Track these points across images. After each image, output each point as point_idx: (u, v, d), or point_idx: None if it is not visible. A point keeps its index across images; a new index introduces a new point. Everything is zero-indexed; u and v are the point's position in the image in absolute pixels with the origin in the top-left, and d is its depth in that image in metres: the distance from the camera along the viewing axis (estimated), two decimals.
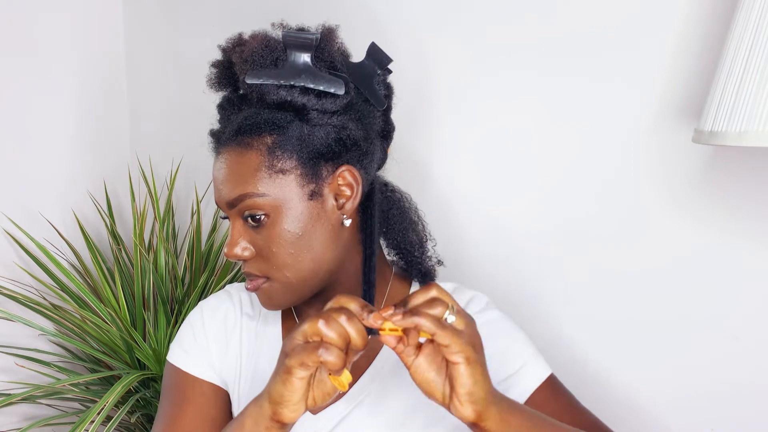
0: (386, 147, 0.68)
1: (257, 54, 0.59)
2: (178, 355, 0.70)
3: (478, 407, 0.48)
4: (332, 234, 0.61)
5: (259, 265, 0.61)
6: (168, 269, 1.24)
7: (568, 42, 0.84)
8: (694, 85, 0.76)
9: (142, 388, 1.19)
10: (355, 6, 1.03)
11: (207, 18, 1.29)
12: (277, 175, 0.58)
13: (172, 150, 1.38)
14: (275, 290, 0.62)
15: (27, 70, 1.29)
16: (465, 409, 0.48)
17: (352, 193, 0.61)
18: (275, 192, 0.58)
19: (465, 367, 0.47)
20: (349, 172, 0.61)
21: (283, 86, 0.58)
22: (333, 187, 0.61)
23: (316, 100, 0.58)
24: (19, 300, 1.19)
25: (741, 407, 0.77)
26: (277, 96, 0.59)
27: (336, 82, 0.58)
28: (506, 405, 0.51)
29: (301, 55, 0.58)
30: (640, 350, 0.84)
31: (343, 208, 0.61)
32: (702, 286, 0.78)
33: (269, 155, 0.58)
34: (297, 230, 0.59)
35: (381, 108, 0.64)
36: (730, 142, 0.60)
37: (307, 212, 0.59)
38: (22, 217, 1.29)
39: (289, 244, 0.59)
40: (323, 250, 0.61)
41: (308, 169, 0.59)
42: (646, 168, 0.81)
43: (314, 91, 0.58)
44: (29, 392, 1.07)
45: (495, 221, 0.95)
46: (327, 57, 0.60)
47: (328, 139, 0.59)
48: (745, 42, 0.59)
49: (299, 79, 0.58)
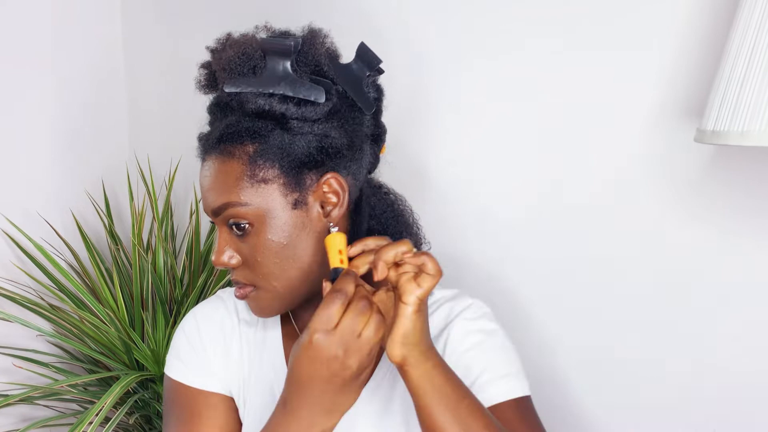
0: (377, 150, 0.67)
1: (234, 62, 0.57)
2: (177, 368, 0.67)
3: (406, 350, 0.52)
4: (319, 242, 0.60)
5: (245, 274, 0.60)
6: (167, 269, 1.23)
7: (569, 41, 0.84)
8: (696, 84, 0.75)
9: (140, 389, 1.19)
10: (348, 3, 1.02)
11: (205, 17, 1.28)
12: (260, 184, 0.57)
13: (171, 150, 1.37)
14: (263, 298, 0.61)
15: (24, 70, 1.28)
16: (394, 349, 0.52)
17: (339, 201, 0.59)
18: (258, 201, 0.57)
19: (412, 311, 0.51)
20: (335, 180, 0.59)
21: (261, 94, 0.57)
22: (318, 195, 0.59)
23: (296, 109, 0.57)
24: (17, 300, 1.18)
25: (743, 407, 0.77)
26: (256, 105, 0.57)
27: (316, 90, 0.57)
28: (436, 363, 0.53)
29: (281, 62, 0.57)
30: (642, 350, 0.84)
31: (329, 215, 0.60)
32: (703, 285, 0.78)
33: (251, 165, 0.57)
34: (281, 239, 0.58)
35: (369, 112, 0.62)
36: (732, 142, 0.60)
37: (291, 221, 0.58)
38: (19, 217, 1.28)
39: (274, 254, 0.58)
40: (310, 258, 0.59)
41: (291, 178, 0.58)
42: (648, 167, 0.81)
43: (294, 99, 0.57)
44: (27, 393, 1.07)
45: (494, 222, 0.94)
46: (311, 61, 0.58)
47: (309, 147, 0.58)
48: (747, 41, 0.59)
49: (278, 87, 0.57)
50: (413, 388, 0.53)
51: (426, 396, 0.52)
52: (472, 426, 0.52)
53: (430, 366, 0.53)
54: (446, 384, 0.53)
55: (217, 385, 0.67)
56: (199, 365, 0.67)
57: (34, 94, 1.30)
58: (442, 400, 0.52)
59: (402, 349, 0.52)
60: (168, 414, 0.67)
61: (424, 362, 0.52)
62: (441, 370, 0.53)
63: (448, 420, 0.52)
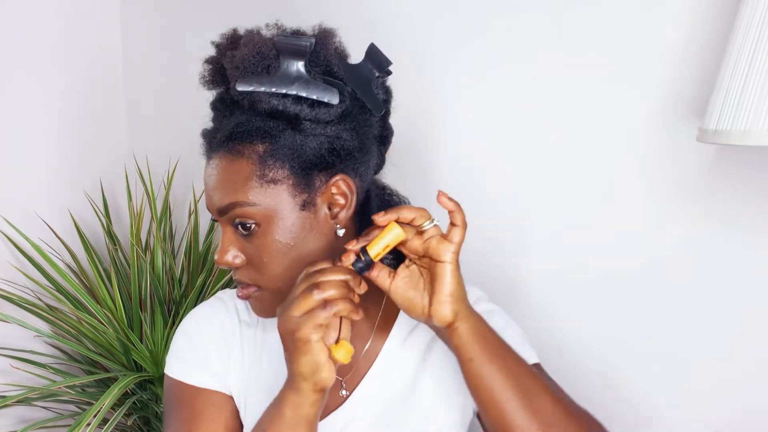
0: (383, 152, 0.66)
1: (248, 61, 0.57)
2: (178, 367, 0.67)
3: (456, 306, 0.54)
4: (326, 244, 0.59)
5: (250, 274, 0.60)
6: (165, 270, 1.23)
7: (573, 41, 0.84)
8: (698, 83, 0.75)
9: (138, 390, 1.18)
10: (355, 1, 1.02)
11: (205, 15, 1.28)
12: (269, 184, 0.57)
13: (170, 149, 1.37)
14: (267, 299, 0.61)
15: (22, 69, 1.28)
16: (444, 309, 0.54)
17: (347, 203, 0.59)
18: (266, 202, 0.57)
19: (452, 268, 0.54)
20: (343, 182, 0.59)
21: (275, 95, 0.56)
22: (326, 197, 0.59)
23: (309, 110, 0.56)
24: (14, 301, 1.18)
25: (742, 407, 0.77)
26: (269, 105, 0.57)
27: (330, 91, 0.56)
28: (479, 316, 0.56)
29: (295, 62, 0.56)
30: (644, 350, 0.84)
31: (336, 217, 0.59)
32: (705, 284, 0.78)
33: (261, 164, 0.57)
34: (288, 240, 0.58)
35: (378, 114, 0.61)
36: (734, 141, 0.60)
37: (299, 222, 0.58)
38: (17, 217, 1.28)
39: (281, 255, 0.58)
40: (316, 260, 0.59)
41: (300, 179, 0.57)
42: (650, 166, 0.80)
43: (307, 100, 0.56)
44: (24, 394, 1.06)
45: (497, 222, 0.94)
46: (323, 61, 0.58)
47: (321, 149, 0.57)
48: (750, 40, 0.59)
49: (292, 88, 0.56)
50: (462, 343, 0.55)
51: (475, 346, 0.55)
52: (518, 372, 0.55)
53: (476, 318, 0.56)
54: (491, 334, 0.56)
55: (218, 385, 0.66)
56: (200, 364, 0.66)
57: (31, 93, 1.30)
58: (491, 349, 0.55)
59: (453, 306, 0.54)
60: (168, 414, 0.66)
61: (471, 315, 0.55)
62: (484, 322, 0.57)
63: (495, 368, 0.55)
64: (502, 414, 0.54)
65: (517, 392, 0.54)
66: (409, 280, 0.57)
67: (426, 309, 0.55)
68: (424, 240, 0.55)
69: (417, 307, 0.56)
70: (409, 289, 0.56)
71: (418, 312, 0.56)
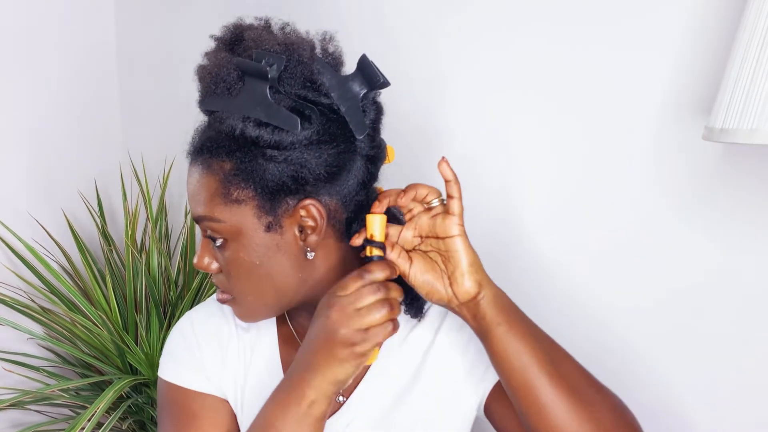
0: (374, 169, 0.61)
1: (212, 78, 0.56)
2: (173, 369, 0.66)
3: (478, 276, 0.55)
4: (296, 264, 0.58)
5: (223, 282, 0.60)
6: (161, 271, 1.22)
7: (577, 40, 0.83)
8: (704, 81, 0.75)
9: (134, 393, 1.17)
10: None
11: (200, 14, 1.27)
12: (233, 203, 0.55)
13: (166, 148, 1.36)
14: (243, 306, 0.61)
15: (16, 66, 1.27)
16: (468, 281, 0.55)
17: (317, 227, 0.56)
18: (232, 220, 0.56)
19: (463, 239, 0.55)
20: (313, 207, 0.56)
21: (236, 116, 0.55)
22: (295, 220, 0.56)
23: (270, 135, 0.54)
24: (7, 303, 1.16)
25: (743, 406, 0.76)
26: (229, 127, 0.55)
27: (291, 120, 0.53)
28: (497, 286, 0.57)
29: (259, 85, 0.54)
30: (645, 350, 0.83)
31: (306, 240, 0.57)
32: (710, 283, 0.77)
33: (225, 183, 0.55)
34: (254, 259, 0.57)
35: (359, 136, 0.57)
36: (740, 140, 0.59)
37: (263, 243, 0.56)
38: (10, 217, 1.27)
39: (247, 272, 0.57)
40: (285, 279, 0.58)
41: (266, 202, 0.55)
42: (655, 165, 0.80)
43: (269, 124, 0.54)
44: (17, 398, 1.06)
45: (497, 221, 0.94)
46: (299, 77, 0.55)
47: (282, 176, 0.55)
48: (756, 38, 0.58)
49: (253, 112, 0.54)
50: (489, 311, 0.55)
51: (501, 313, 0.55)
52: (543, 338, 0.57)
53: (495, 287, 0.57)
54: (511, 301, 0.57)
55: (212, 388, 0.65)
56: (195, 367, 0.65)
57: (25, 92, 1.29)
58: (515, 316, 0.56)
59: (475, 276, 0.55)
60: (163, 418, 0.65)
61: (491, 283, 0.56)
62: (502, 291, 0.57)
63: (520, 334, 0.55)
64: (530, 381, 0.54)
65: (543, 357, 0.55)
66: (424, 263, 0.57)
67: (448, 288, 0.56)
68: (431, 216, 0.56)
69: (438, 288, 0.56)
70: (426, 271, 0.57)
71: (441, 293, 0.56)
